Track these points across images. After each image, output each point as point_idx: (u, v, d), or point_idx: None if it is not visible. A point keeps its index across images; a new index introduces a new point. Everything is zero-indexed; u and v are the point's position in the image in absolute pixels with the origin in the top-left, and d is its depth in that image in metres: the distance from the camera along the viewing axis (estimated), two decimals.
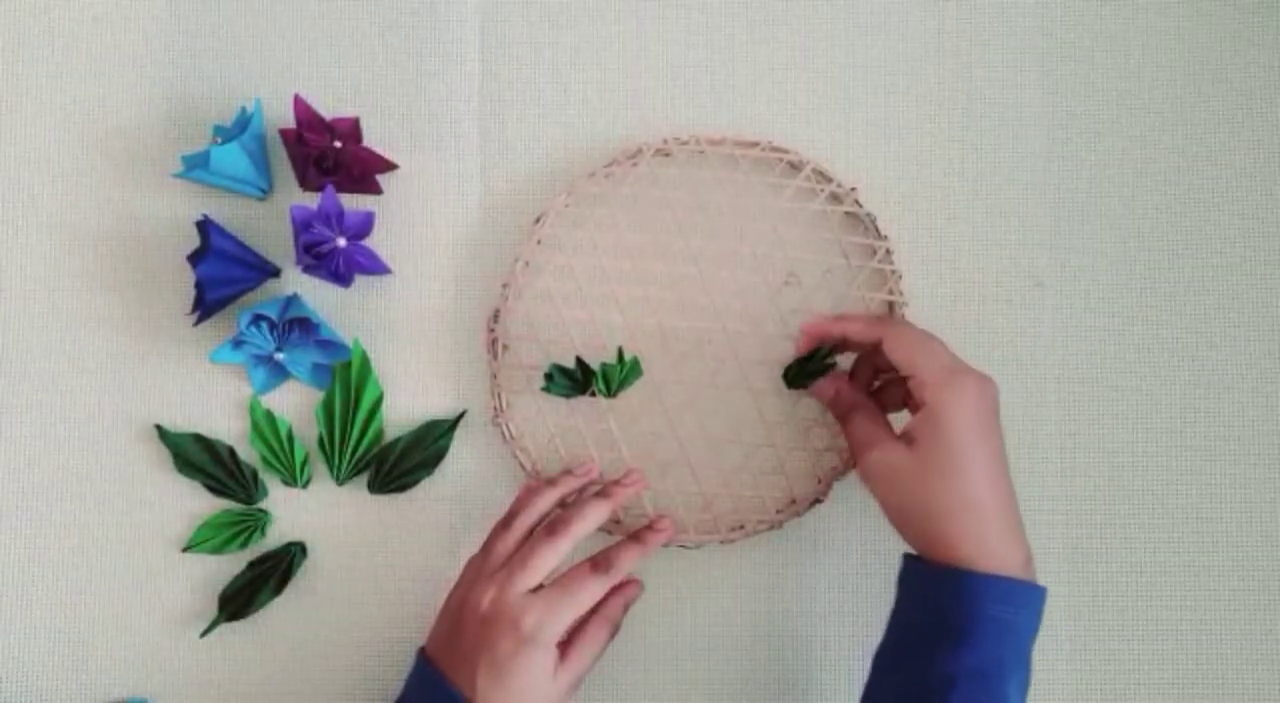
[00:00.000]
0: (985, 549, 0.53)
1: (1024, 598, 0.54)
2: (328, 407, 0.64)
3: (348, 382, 0.64)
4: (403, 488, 0.65)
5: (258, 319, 0.62)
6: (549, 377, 0.63)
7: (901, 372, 0.57)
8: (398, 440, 0.65)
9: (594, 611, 0.59)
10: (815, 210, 0.65)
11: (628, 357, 0.63)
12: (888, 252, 0.65)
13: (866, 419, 0.59)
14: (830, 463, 0.65)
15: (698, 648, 0.66)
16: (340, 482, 0.65)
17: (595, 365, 0.63)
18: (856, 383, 0.62)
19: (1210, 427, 0.67)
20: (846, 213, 0.66)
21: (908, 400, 0.61)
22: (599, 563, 0.58)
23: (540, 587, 0.57)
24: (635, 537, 0.61)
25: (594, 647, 0.58)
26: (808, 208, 0.65)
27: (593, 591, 0.57)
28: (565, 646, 0.57)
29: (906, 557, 0.58)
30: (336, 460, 0.65)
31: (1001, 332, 0.67)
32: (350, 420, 0.64)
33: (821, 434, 0.65)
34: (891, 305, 0.65)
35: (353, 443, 0.65)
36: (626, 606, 0.61)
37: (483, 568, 0.58)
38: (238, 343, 0.62)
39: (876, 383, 0.63)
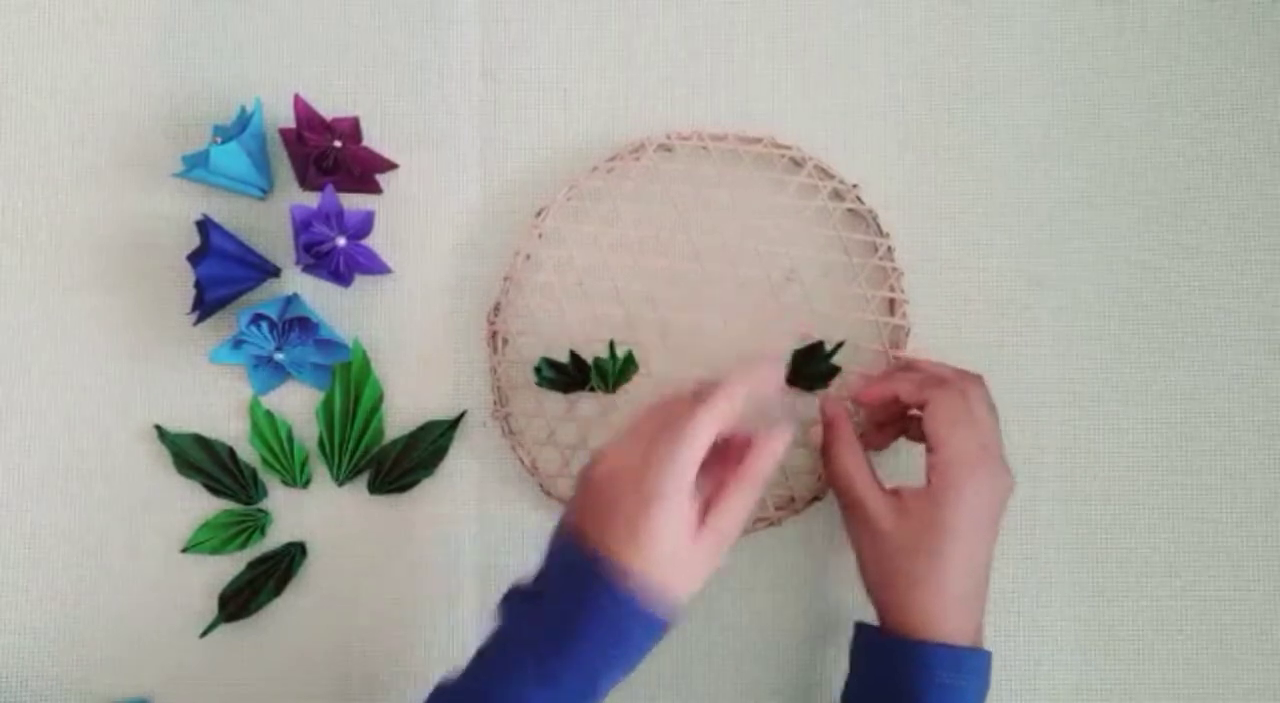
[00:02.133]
0: (942, 621, 0.54)
1: (973, 665, 0.55)
2: (328, 406, 0.64)
3: (348, 382, 0.64)
4: (402, 488, 0.65)
5: (258, 319, 0.62)
6: (538, 370, 0.63)
7: (929, 441, 0.56)
8: (397, 441, 0.65)
9: (735, 466, 0.53)
10: (817, 207, 0.65)
11: (620, 351, 0.63)
12: (889, 249, 0.65)
13: (860, 461, 0.57)
14: None
15: (696, 645, 0.66)
16: (340, 482, 0.65)
17: (591, 360, 0.63)
18: (864, 410, 0.61)
19: (1210, 426, 0.67)
20: (848, 210, 0.66)
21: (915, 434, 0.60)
22: (698, 391, 0.53)
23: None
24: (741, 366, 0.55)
25: (736, 505, 0.52)
26: (809, 205, 0.65)
27: (702, 423, 0.51)
28: (705, 508, 0.52)
29: (858, 627, 0.59)
30: (336, 460, 0.65)
31: (1001, 332, 0.67)
32: (350, 420, 0.64)
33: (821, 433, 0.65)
34: (892, 303, 0.65)
35: (353, 443, 0.64)
36: (775, 457, 0.53)
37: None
38: (238, 343, 0.62)
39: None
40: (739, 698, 0.66)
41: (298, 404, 0.65)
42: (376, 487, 0.65)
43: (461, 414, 0.65)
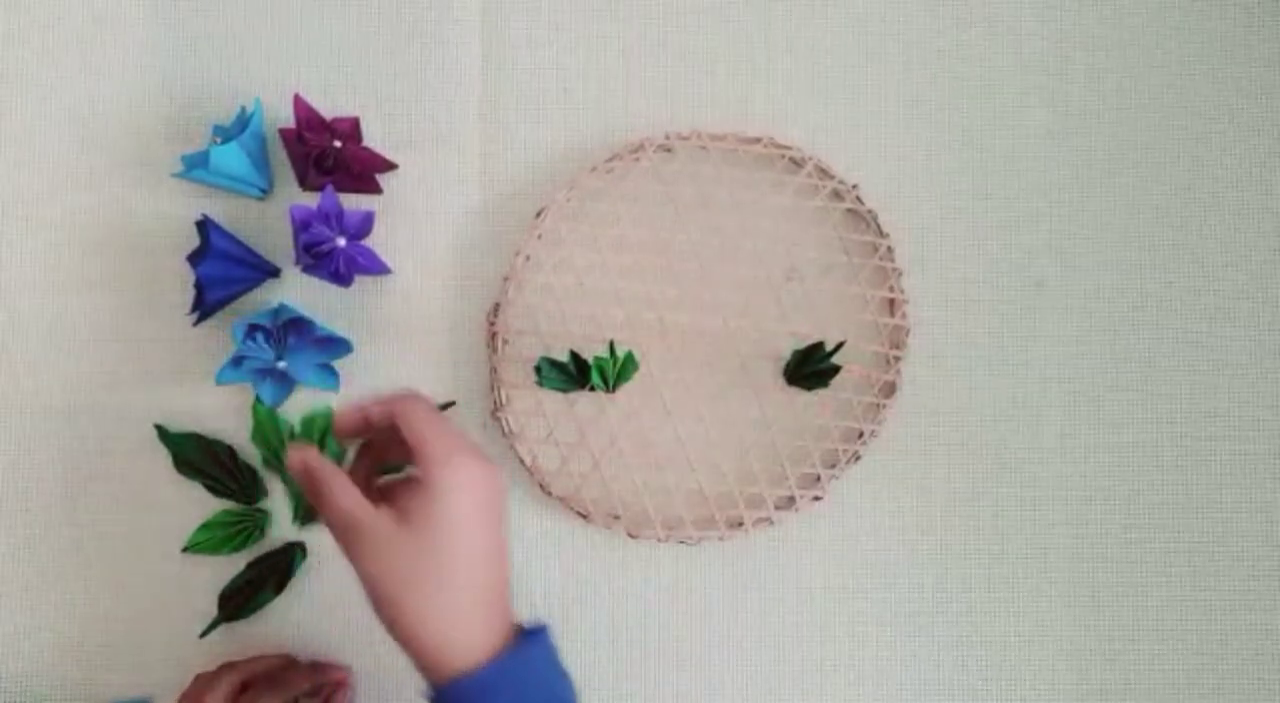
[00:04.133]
0: (458, 629, 0.51)
1: (517, 671, 0.52)
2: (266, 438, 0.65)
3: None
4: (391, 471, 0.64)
5: (253, 330, 0.62)
6: (539, 370, 0.63)
7: (412, 444, 0.52)
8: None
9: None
10: (817, 207, 0.65)
11: (620, 351, 0.63)
12: (889, 249, 0.65)
13: (346, 486, 0.52)
14: (829, 461, 0.65)
15: (695, 644, 0.66)
16: (302, 523, 0.65)
17: (592, 360, 0.63)
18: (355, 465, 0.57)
19: (1210, 426, 0.67)
20: (848, 210, 0.66)
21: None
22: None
23: None
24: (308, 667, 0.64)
25: None
26: (809, 204, 0.65)
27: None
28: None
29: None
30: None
31: (1001, 332, 0.67)
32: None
33: (821, 431, 0.65)
34: (892, 303, 0.65)
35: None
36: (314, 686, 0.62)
37: None
38: (238, 360, 0.62)
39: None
40: (735, 698, 0.66)
41: (299, 404, 0.65)
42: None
43: (448, 405, 0.65)
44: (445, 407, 0.65)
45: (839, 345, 0.64)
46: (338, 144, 0.62)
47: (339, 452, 0.63)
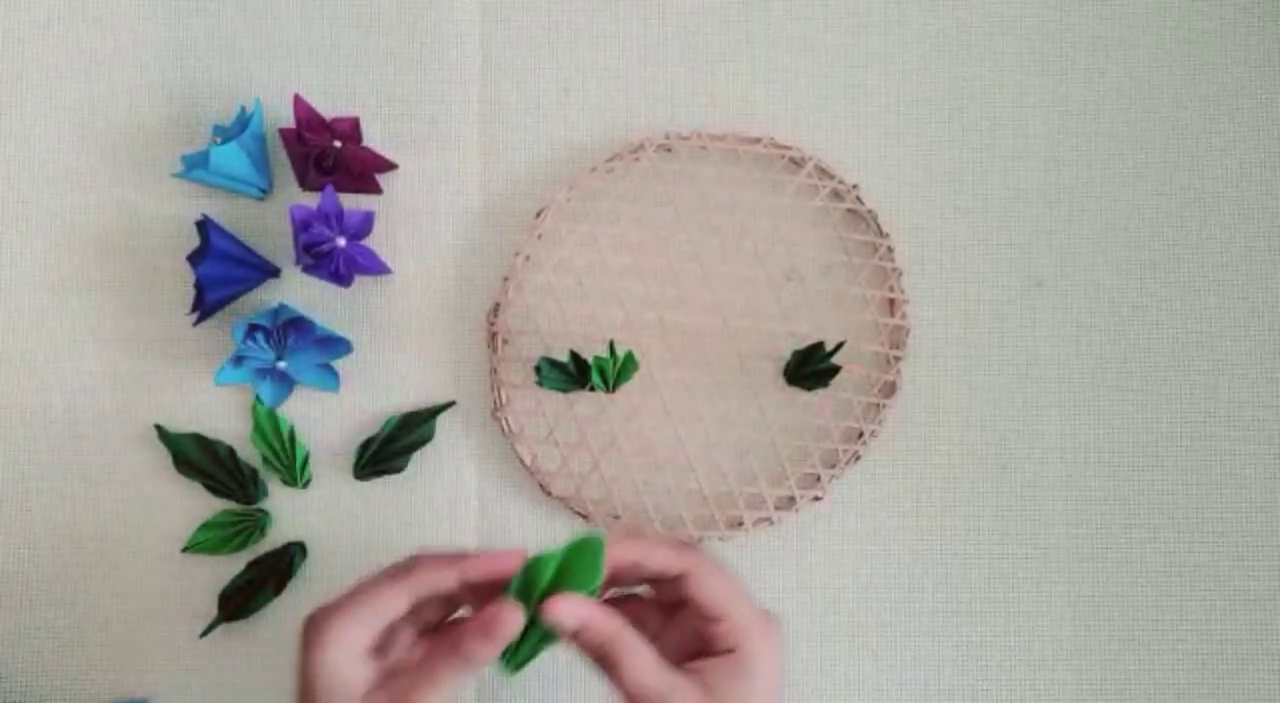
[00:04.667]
0: None
1: None
2: (527, 573, 0.48)
3: (573, 564, 0.48)
4: (388, 472, 0.65)
5: (253, 330, 0.62)
6: (539, 370, 0.63)
7: (706, 611, 0.48)
8: (374, 437, 0.65)
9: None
10: (817, 207, 0.65)
11: (620, 351, 0.63)
12: (889, 249, 0.65)
13: (651, 659, 0.47)
14: (829, 461, 0.65)
15: None
16: (514, 671, 0.49)
17: (592, 359, 0.63)
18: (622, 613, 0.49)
19: (1210, 426, 0.67)
20: (848, 210, 0.66)
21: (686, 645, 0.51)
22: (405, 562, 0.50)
23: None
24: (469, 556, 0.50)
25: (425, 670, 0.47)
26: (809, 204, 0.65)
27: (382, 596, 0.48)
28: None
29: None
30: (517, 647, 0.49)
31: (1001, 332, 0.67)
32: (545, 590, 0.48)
33: (821, 431, 0.65)
34: (892, 303, 0.65)
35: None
36: (486, 636, 0.47)
37: None
38: (238, 360, 0.62)
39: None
40: None
41: (300, 404, 0.65)
42: (362, 474, 0.65)
43: (445, 405, 0.65)
44: (445, 407, 0.65)
45: (839, 345, 0.64)
46: (338, 144, 0.62)
47: (593, 588, 0.48)
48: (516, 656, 0.48)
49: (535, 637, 0.48)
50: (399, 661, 0.49)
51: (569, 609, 0.47)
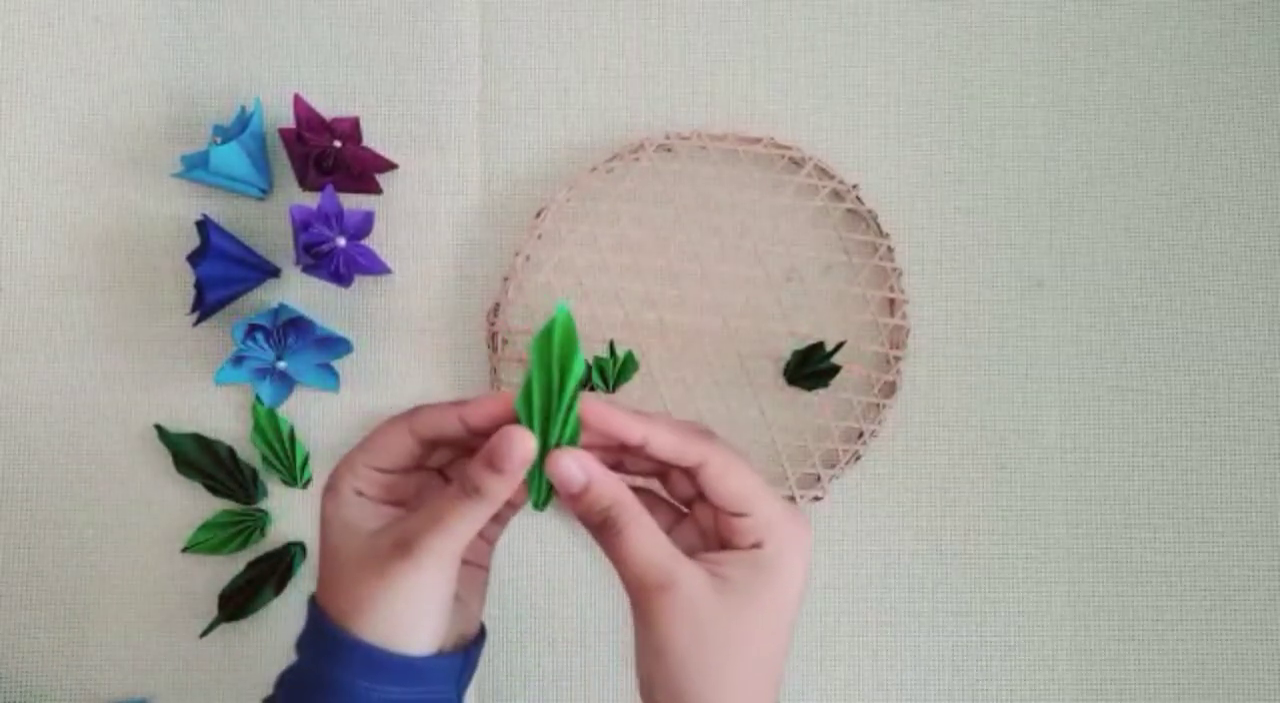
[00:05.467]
0: None
1: None
2: (525, 396, 0.42)
3: (548, 358, 0.42)
4: None
5: (253, 330, 0.62)
6: None
7: (727, 506, 0.44)
8: None
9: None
10: (817, 207, 0.65)
11: (620, 351, 0.63)
12: (889, 249, 0.65)
13: (656, 532, 0.43)
14: (829, 461, 0.65)
15: None
16: (540, 506, 0.45)
17: (591, 359, 0.63)
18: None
19: (1210, 427, 0.67)
20: (848, 210, 0.66)
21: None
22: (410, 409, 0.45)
23: None
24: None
25: (431, 504, 0.43)
26: (809, 204, 0.65)
27: (386, 434, 0.45)
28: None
29: None
30: (538, 481, 0.44)
31: (1001, 332, 0.67)
32: (554, 409, 0.43)
33: (821, 431, 0.65)
34: (892, 303, 0.65)
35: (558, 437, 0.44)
36: (489, 463, 0.41)
37: None
38: (238, 360, 0.62)
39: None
40: None
41: (300, 404, 0.65)
42: None
43: None
44: None
45: (839, 345, 0.64)
46: (338, 144, 0.62)
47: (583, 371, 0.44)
48: (539, 492, 0.44)
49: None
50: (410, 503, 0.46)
51: (575, 462, 0.42)
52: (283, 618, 0.65)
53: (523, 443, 0.41)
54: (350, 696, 0.43)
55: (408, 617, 0.42)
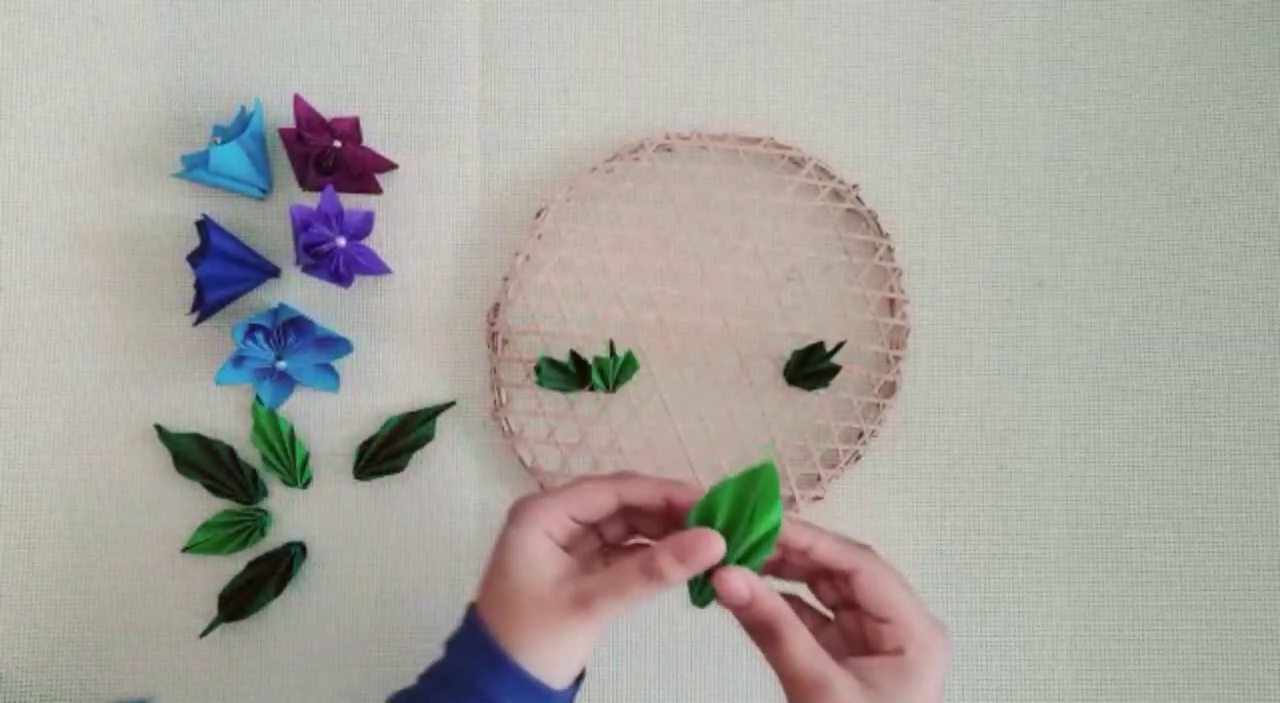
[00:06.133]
0: None
1: None
2: (704, 510, 0.48)
3: (744, 496, 0.48)
4: (388, 472, 0.65)
5: (253, 330, 0.62)
6: (538, 370, 0.63)
7: (875, 611, 0.49)
8: (374, 437, 0.65)
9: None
10: (817, 207, 0.65)
11: (620, 350, 0.63)
12: (889, 249, 0.65)
13: (809, 640, 0.48)
14: (829, 461, 0.65)
15: (694, 646, 0.66)
16: (701, 605, 0.51)
17: (592, 360, 0.63)
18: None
19: (1210, 426, 0.67)
20: (848, 210, 0.66)
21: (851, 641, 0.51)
22: (615, 473, 0.52)
23: None
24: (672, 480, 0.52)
25: (615, 575, 0.48)
26: (809, 204, 0.65)
27: (593, 490, 0.50)
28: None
29: None
30: (703, 584, 0.50)
31: (1001, 332, 0.67)
32: (736, 535, 0.48)
33: (821, 431, 0.65)
34: (892, 303, 0.65)
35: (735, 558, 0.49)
36: (678, 557, 0.47)
37: None
38: (238, 360, 0.62)
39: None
40: (735, 698, 0.66)
41: (300, 404, 0.65)
42: (362, 474, 0.65)
43: (447, 405, 0.65)
44: (445, 407, 0.65)
45: (839, 345, 0.64)
46: (338, 144, 0.62)
47: (775, 520, 0.48)
48: (703, 592, 0.50)
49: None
50: (591, 563, 0.51)
51: (742, 580, 0.48)
52: (283, 618, 0.65)
53: (714, 549, 0.48)
54: None
55: (566, 658, 0.48)
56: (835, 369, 0.64)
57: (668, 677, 0.66)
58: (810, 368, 0.64)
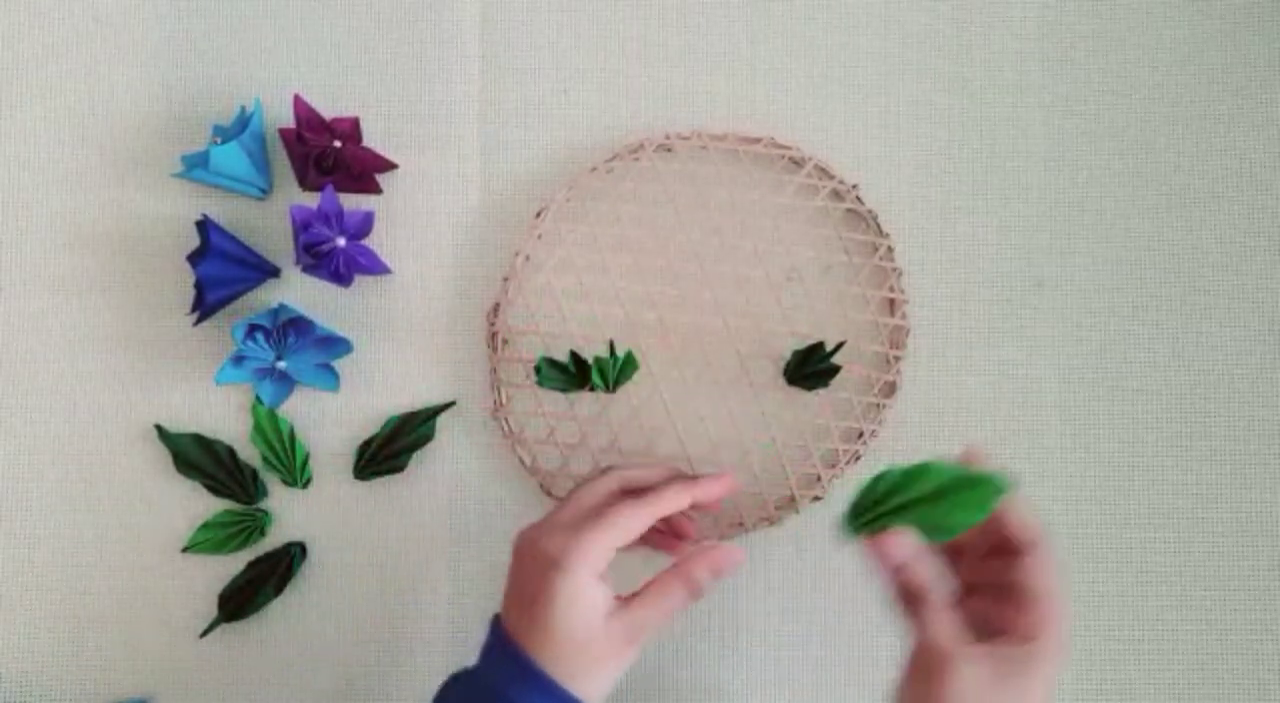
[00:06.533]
0: None
1: None
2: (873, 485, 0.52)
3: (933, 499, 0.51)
4: (389, 472, 0.65)
5: (253, 330, 0.62)
6: (538, 370, 0.63)
7: (1029, 594, 0.50)
8: (374, 437, 0.65)
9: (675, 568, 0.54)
10: (817, 207, 0.65)
11: (620, 350, 0.63)
12: (889, 249, 0.65)
13: (946, 620, 0.50)
14: (829, 461, 0.65)
15: (694, 643, 0.66)
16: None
17: (592, 360, 0.63)
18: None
19: (1210, 426, 0.67)
20: (848, 210, 0.66)
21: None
22: (640, 494, 0.54)
23: None
24: (689, 478, 0.56)
25: (659, 599, 0.52)
26: (809, 204, 0.65)
27: (628, 517, 0.52)
28: (632, 597, 0.53)
29: None
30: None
31: (1001, 332, 0.67)
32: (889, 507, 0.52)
33: (821, 431, 0.65)
34: (892, 303, 0.65)
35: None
36: (714, 570, 0.53)
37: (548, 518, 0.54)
38: (238, 360, 0.62)
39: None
40: (735, 699, 0.66)
41: (300, 404, 0.65)
42: (362, 474, 0.65)
43: (447, 405, 0.65)
44: (445, 407, 0.65)
45: (839, 345, 0.64)
46: (338, 144, 0.62)
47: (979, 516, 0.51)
48: (856, 531, 0.52)
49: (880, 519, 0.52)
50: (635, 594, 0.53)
51: (899, 543, 0.51)
52: (283, 618, 0.65)
53: (736, 560, 0.53)
54: None
55: (608, 685, 0.51)
56: (835, 369, 0.64)
57: (666, 676, 0.66)
58: (810, 368, 0.64)
